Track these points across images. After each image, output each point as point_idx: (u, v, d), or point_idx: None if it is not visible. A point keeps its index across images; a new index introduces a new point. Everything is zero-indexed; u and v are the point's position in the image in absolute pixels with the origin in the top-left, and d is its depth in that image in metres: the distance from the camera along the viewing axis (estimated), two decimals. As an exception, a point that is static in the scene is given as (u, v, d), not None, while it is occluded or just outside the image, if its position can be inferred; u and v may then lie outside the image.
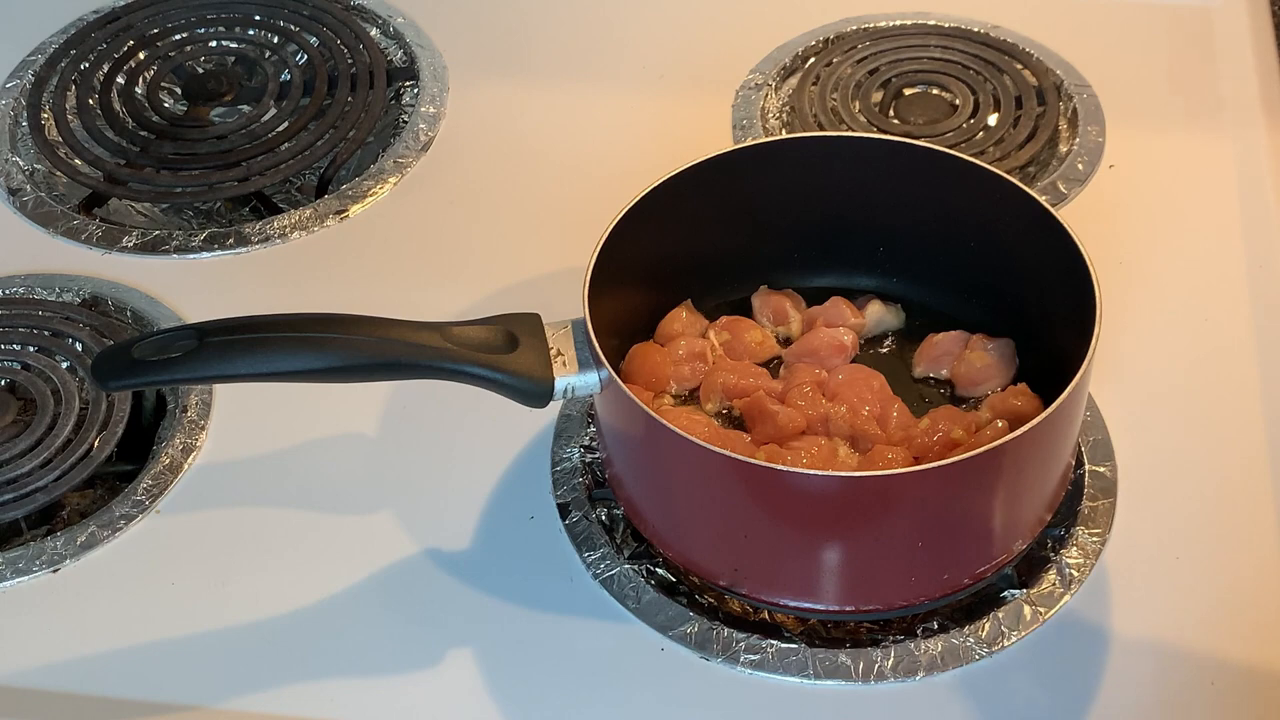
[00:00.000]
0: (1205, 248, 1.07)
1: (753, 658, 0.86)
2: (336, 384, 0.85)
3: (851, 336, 0.96)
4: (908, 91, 1.20)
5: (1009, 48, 1.22)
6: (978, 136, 1.15)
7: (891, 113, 1.18)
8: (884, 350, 0.98)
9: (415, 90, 1.22)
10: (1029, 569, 0.89)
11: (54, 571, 0.92)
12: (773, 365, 0.97)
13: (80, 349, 1.02)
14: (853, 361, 0.95)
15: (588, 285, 0.85)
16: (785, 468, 0.82)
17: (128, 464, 0.98)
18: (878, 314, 0.97)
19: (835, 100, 1.18)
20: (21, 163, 1.18)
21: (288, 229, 1.11)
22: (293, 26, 1.28)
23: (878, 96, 1.19)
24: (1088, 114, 1.16)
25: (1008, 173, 0.92)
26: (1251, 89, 1.17)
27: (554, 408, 0.96)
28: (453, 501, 0.94)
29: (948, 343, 0.95)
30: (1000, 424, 0.88)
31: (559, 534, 0.92)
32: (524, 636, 0.88)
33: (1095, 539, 0.90)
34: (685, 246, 0.95)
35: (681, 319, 0.97)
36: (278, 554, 0.93)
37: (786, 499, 0.82)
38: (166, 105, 1.24)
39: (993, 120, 1.16)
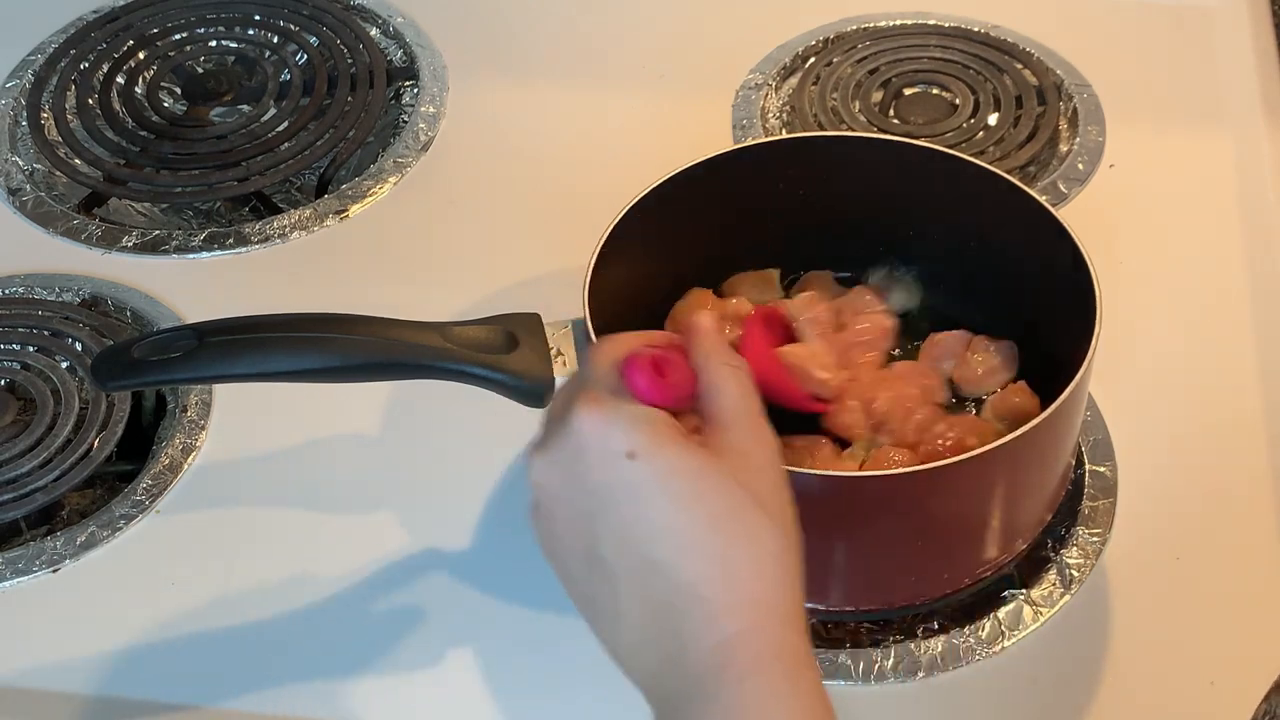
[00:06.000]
0: (1205, 248, 1.07)
1: (753, 658, 0.86)
2: (336, 384, 0.85)
3: (892, 320, 0.96)
4: (908, 91, 1.20)
5: (1009, 48, 1.22)
6: (978, 136, 1.15)
7: (891, 113, 1.18)
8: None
9: (415, 90, 1.22)
10: (1029, 569, 0.89)
11: (54, 571, 0.92)
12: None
13: (80, 349, 1.02)
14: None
15: (588, 285, 0.85)
16: (785, 468, 0.82)
17: (127, 464, 0.98)
18: (901, 297, 0.97)
19: (835, 100, 1.18)
20: (21, 163, 1.18)
21: (288, 229, 1.11)
22: (293, 26, 1.28)
23: (878, 96, 1.19)
24: (1088, 114, 1.16)
25: (1008, 173, 0.92)
26: (1251, 89, 1.17)
27: (554, 408, 0.96)
28: (453, 501, 0.94)
29: (950, 342, 0.95)
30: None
31: (559, 534, 0.92)
32: (524, 636, 0.88)
33: (1095, 539, 0.90)
34: (685, 246, 0.95)
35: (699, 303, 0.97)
36: (277, 554, 0.93)
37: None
38: (166, 105, 1.24)
39: (993, 120, 1.16)
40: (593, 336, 0.83)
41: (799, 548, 0.63)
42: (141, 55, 1.27)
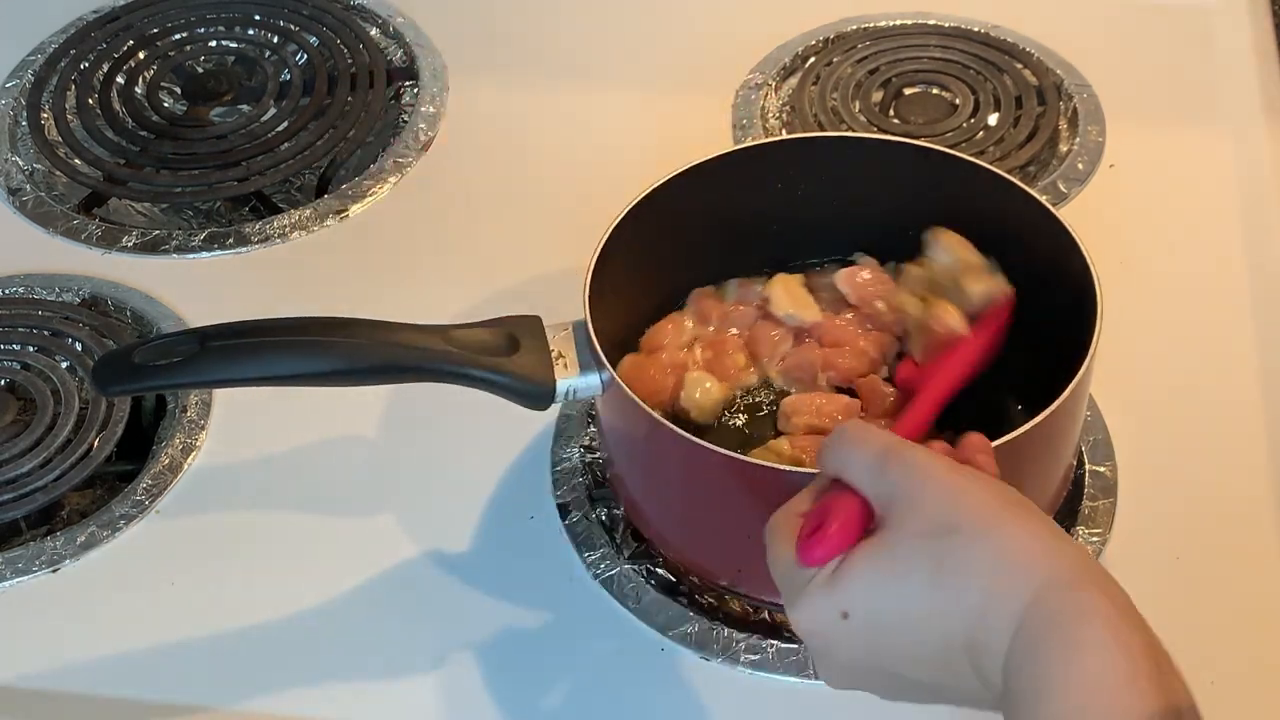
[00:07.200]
0: (1205, 248, 1.07)
1: (753, 658, 0.86)
2: (338, 387, 0.85)
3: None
4: (908, 91, 1.20)
5: (1009, 48, 1.22)
6: (978, 136, 1.15)
7: (891, 113, 1.18)
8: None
9: (415, 90, 1.22)
10: (1029, 569, 0.89)
11: (54, 571, 0.92)
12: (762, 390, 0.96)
13: (80, 349, 1.02)
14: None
15: (588, 286, 0.85)
16: (786, 468, 0.82)
17: (127, 464, 0.98)
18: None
19: (835, 100, 1.18)
20: (21, 163, 1.18)
21: (288, 229, 1.11)
22: (293, 26, 1.28)
23: (878, 96, 1.19)
24: (1088, 114, 1.16)
25: (1008, 172, 0.92)
26: (1251, 89, 1.17)
27: (554, 408, 0.96)
28: (453, 502, 0.94)
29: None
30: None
31: (559, 534, 0.92)
32: (524, 636, 0.88)
33: (1095, 539, 0.90)
34: (686, 247, 0.95)
35: (668, 330, 0.95)
36: (277, 554, 0.93)
37: (788, 499, 0.82)
38: (166, 105, 1.24)
39: (993, 120, 1.16)
40: (593, 338, 0.83)
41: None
42: (141, 55, 1.27)
